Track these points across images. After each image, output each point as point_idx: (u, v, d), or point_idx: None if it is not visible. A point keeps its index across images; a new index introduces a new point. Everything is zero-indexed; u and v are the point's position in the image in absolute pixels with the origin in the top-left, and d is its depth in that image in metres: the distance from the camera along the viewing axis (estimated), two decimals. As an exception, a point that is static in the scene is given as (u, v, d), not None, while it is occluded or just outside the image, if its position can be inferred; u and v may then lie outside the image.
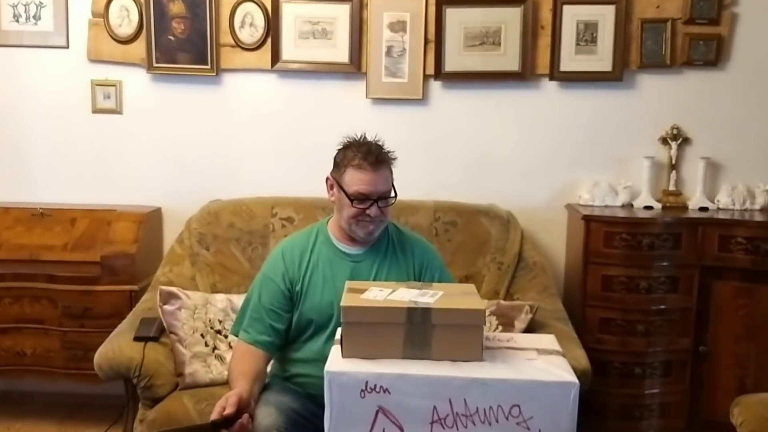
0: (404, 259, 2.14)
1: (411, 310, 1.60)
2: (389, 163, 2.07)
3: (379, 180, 2.02)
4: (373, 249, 2.13)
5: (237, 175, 3.18)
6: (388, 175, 2.06)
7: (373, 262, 2.11)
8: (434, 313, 1.60)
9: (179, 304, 2.52)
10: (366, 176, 2.01)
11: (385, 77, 3.07)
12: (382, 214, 2.04)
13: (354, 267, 2.10)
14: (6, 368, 2.92)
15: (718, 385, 2.81)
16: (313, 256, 2.12)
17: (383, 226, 2.10)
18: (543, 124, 3.10)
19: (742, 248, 2.73)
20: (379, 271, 2.10)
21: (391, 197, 2.08)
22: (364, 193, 2.01)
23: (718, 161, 3.05)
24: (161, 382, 2.35)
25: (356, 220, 2.04)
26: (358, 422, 1.54)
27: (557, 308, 2.70)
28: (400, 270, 2.12)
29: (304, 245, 2.15)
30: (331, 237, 2.15)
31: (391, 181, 2.08)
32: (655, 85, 3.05)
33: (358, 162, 2.02)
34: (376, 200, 2.02)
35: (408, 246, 2.18)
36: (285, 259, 2.12)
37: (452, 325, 1.61)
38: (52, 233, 3.03)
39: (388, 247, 2.15)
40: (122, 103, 3.19)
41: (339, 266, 2.10)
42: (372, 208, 2.02)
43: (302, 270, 2.10)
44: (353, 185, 2.02)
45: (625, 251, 2.75)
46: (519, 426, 1.53)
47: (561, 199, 3.11)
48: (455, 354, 1.60)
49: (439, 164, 3.13)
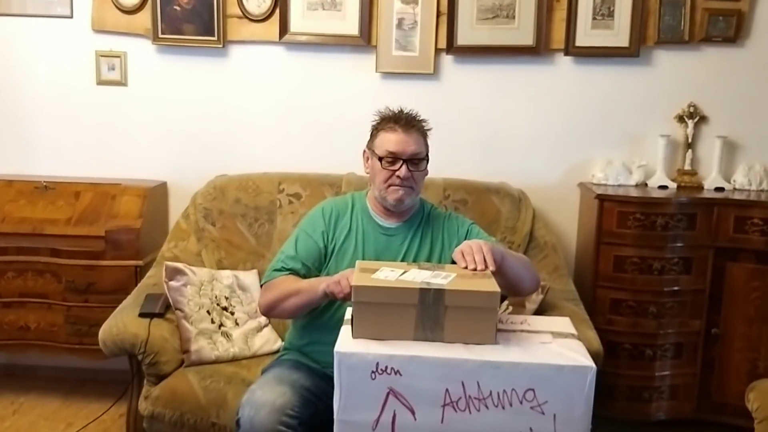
0: (436, 236, 2.14)
1: (423, 291, 1.56)
2: (421, 129, 2.09)
3: (408, 140, 2.04)
4: (406, 223, 2.14)
5: (243, 150, 3.14)
6: (419, 139, 2.07)
7: (405, 236, 2.12)
8: (447, 294, 1.56)
9: (185, 280, 2.49)
10: (395, 136, 2.04)
11: (395, 50, 3.00)
12: (412, 179, 2.05)
13: (387, 240, 2.11)
14: (9, 342, 2.90)
15: (729, 367, 2.78)
16: (350, 222, 2.14)
17: (414, 195, 2.10)
18: (556, 100, 3.04)
19: (758, 229, 2.68)
20: (410, 246, 2.11)
21: (424, 161, 2.08)
22: (393, 151, 2.03)
23: (735, 140, 2.99)
24: (166, 359, 2.33)
25: (387, 185, 2.05)
26: (368, 404, 1.51)
27: (568, 289, 2.67)
28: (434, 248, 2.12)
29: (342, 209, 2.17)
30: (368, 207, 2.16)
31: (425, 148, 2.09)
32: (672, 61, 2.98)
33: (390, 125, 2.06)
34: (406, 161, 2.02)
35: (441, 223, 2.17)
36: (325, 217, 2.14)
37: (465, 308, 1.57)
38: (56, 207, 3.00)
39: (421, 223, 2.15)
40: (127, 75, 3.14)
41: (371, 237, 2.11)
42: (401, 169, 2.02)
43: (338, 231, 2.12)
44: (383, 146, 2.05)
45: (639, 231, 2.70)
46: (533, 410, 1.50)
47: (574, 178, 3.06)
48: (468, 337, 1.57)
49: (449, 141, 3.07)
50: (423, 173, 2.11)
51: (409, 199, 2.08)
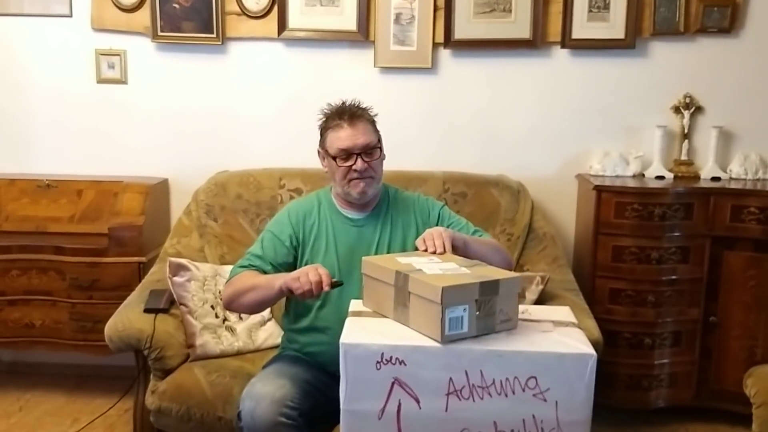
0: (407, 220, 2.15)
1: (398, 274, 1.65)
2: (367, 117, 2.08)
3: (357, 133, 2.03)
4: (374, 213, 2.14)
5: (244, 146, 3.16)
6: (367, 128, 2.06)
7: (375, 226, 2.13)
8: (411, 281, 1.61)
9: (189, 275, 2.51)
10: (343, 132, 2.03)
11: (393, 45, 3.02)
12: (370, 168, 2.04)
13: (358, 231, 2.12)
14: (15, 340, 2.92)
15: (727, 355, 2.81)
16: (318, 220, 2.13)
17: (376, 184, 2.09)
18: (554, 92, 3.06)
19: (754, 218, 2.71)
20: (382, 234, 2.12)
21: (377, 149, 2.07)
22: (344, 148, 2.02)
23: (731, 130, 3.01)
24: (172, 354, 2.35)
25: (347, 181, 2.05)
26: (373, 393, 1.53)
27: (567, 279, 2.69)
28: (406, 230, 2.13)
29: (309, 209, 2.17)
30: (334, 203, 2.16)
31: (375, 136, 2.08)
32: (667, 52, 3.00)
33: (335, 122, 2.06)
34: (360, 154, 2.02)
35: (410, 206, 2.18)
36: (291, 220, 2.14)
37: (423, 298, 1.59)
38: (59, 205, 3.02)
39: (388, 209, 2.16)
40: (127, 73, 3.15)
41: (342, 231, 2.12)
42: (357, 162, 2.02)
43: (307, 233, 2.12)
44: (334, 144, 2.05)
45: (636, 221, 2.73)
46: (536, 397, 1.53)
47: (571, 170, 3.09)
48: (423, 327, 1.60)
49: (448, 134, 3.10)
50: (380, 160, 2.09)
51: (372, 189, 2.08)
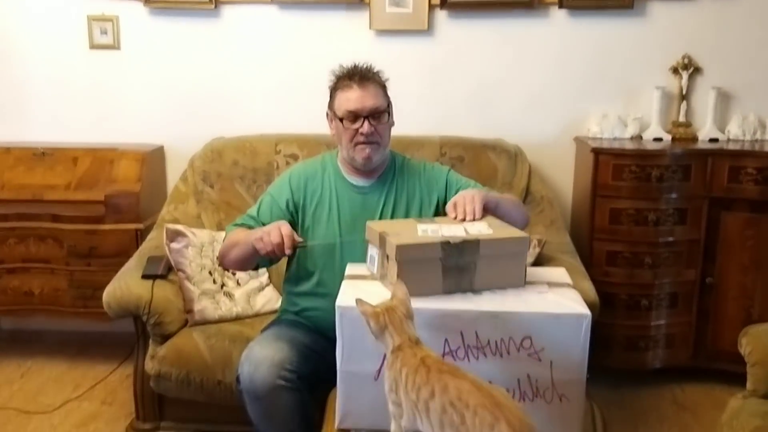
0: (412, 190, 2.11)
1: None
2: (377, 81, 2.04)
3: (366, 96, 1.99)
4: (380, 180, 2.10)
5: (239, 112, 3.13)
6: (377, 91, 2.02)
7: (381, 193, 2.09)
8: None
9: (186, 242, 2.51)
10: (352, 93, 1.99)
11: (389, 7, 2.99)
12: (376, 133, 2.00)
13: (362, 199, 2.08)
14: (15, 308, 2.94)
15: (724, 316, 2.82)
16: (321, 186, 2.10)
17: (382, 150, 2.05)
18: (551, 54, 3.03)
19: (751, 179, 2.71)
20: (386, 202, 2.08)
21: (385, 114, 2.03)
22: (351, 110, 1.99)
23: (730, 91, 2.99)
24: (170, 319, 2.36)
25: (353, 145, 2.01)
26: (370, 356, 1.53)
27: (565, 242, 2.70)
28: (410, 200, 2.09)
29: (312, 173, 2.13)
30: (340, 168, 2.12)
31: (384, 100, 2.04)
32: (666, 13, 2.96)
33: (346, 83, 2.01)
34: (367, 117, 1.98)
35: (416, 176, 2.13)
36: (292, 185, 2.10)
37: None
38: (54, 173, 3.01)
39: (395, 178, 2.12)
40: (119, 39, 3.12)
41: (346, 197, 2.08)
42: (364, 125, 1.98)
43: (308, 198, 2.09)
44: (342, 105, 2.00)
45: (634, 184, 2.72)
46: (530, 357, 1.53)
47: (569, 132, 3.07)
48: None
49: (445, 97, 3.08)
50: (387, 126, 2.05)
51: (378, 155, 2.04)
